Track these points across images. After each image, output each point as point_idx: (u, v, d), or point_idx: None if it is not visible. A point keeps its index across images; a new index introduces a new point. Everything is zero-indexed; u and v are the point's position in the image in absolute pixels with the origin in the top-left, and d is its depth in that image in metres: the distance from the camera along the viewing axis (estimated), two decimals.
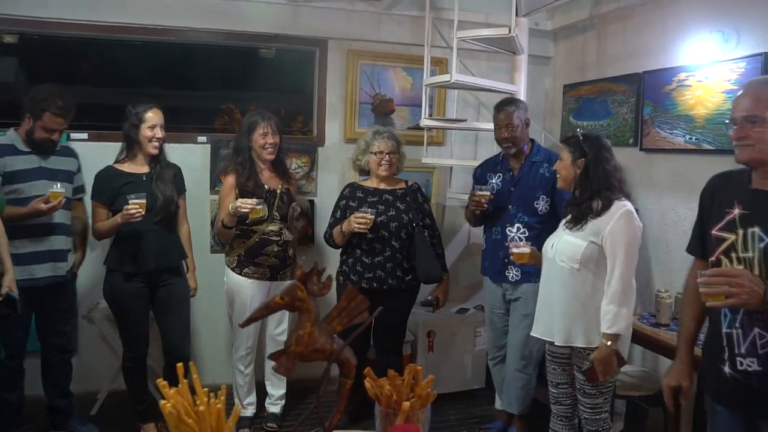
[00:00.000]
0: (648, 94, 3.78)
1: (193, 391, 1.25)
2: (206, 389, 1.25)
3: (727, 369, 1.98)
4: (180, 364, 1.26)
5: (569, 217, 2.82)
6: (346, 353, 1.37)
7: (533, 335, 2.99)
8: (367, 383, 1.34)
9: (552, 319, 2.85)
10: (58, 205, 3.15)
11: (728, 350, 1.97)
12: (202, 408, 1.17)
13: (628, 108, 3.96)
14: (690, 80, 3.48)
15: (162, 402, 1.19)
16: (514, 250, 3.00)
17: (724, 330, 1.98)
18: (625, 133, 3.97)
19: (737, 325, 1.94)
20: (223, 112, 4.65)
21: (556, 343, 2.85)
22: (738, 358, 1.94)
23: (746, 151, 1.90)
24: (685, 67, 3.51)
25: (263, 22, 4.19)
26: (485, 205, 3.45)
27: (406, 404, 1.30)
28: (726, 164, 3.10)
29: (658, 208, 3.74)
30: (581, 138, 2.81)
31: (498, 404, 3.84)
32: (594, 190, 2.73)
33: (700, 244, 2.15)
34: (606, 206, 2.70)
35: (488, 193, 3.44)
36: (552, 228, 3.11)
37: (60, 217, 3.34)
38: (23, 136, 3.30)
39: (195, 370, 1.27)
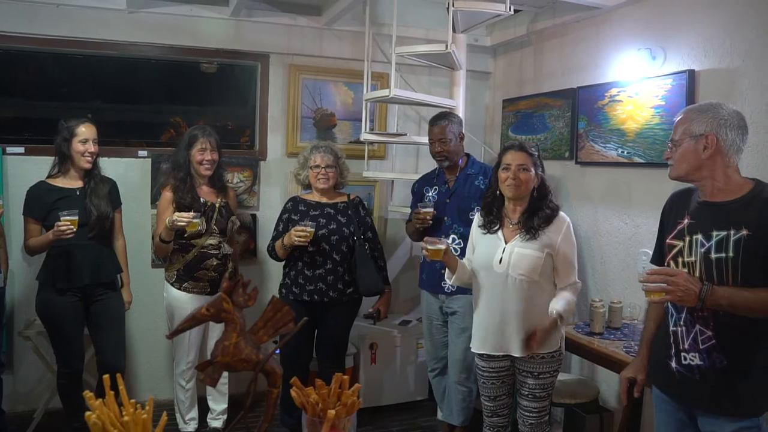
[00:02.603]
0: (582, 109, 3.90)
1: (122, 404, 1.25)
2: (134, 401, 1.26)
3: (673, 364, 2.16)
4: (106, 376, 1.26)
5: (524, 230, 2.79)
6: (271, 363, 1.39)
7: (488, 353, 2.93)
8: (293, 392, 1.36)
9: (509, 334, 2.83)
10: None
11: (674, 347, 2.16)
12: (126, 418, 1.18)
13: (563, 122, 4.08)
14: (621, 95, 3.60)
15: (87, 413, 1.20)
16: (429, 247, 2.84)
17: (671, 328, 2.18)
18: (561, 147, 4.08)
19: (681, 323, 2.14)
20: (170, 125, 4.62)
21: (516, 356, 2.84)
22: (683, 354, 2.13)
23: (671, 170, 2.16)
24: (616, 83, 3.63)
25: (205, 36, 4.19)
26: (430, 221, 3.50)
27: (331, 412, 1.33)
28: (655, 177, 3.26)
29: (592, 220, 3.85)
30: (531, 148, 2.84)
31: (440, 415, 3.87)
32: (544, 200, 2.83)
33: (659, 255, 2.33)
34: (554, 213, 2.81)
35: (432, 210, 3.50)
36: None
37: None
38: None
39: (122, 382, 1.27)
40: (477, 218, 3.03)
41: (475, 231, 3.01)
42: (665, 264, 2.19)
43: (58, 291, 3.30)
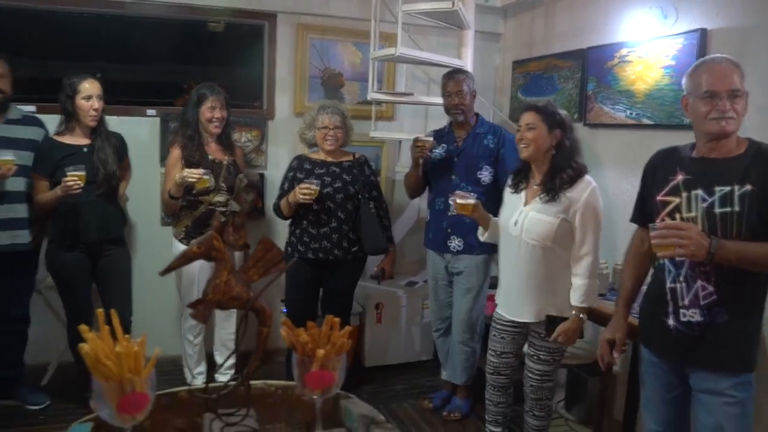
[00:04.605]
0: (591, 70, 3.87)
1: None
2: (128, 336, 1.29)
3: (670, 321, 2.16)
4: (100, 310, 1.29)
5: (544, 192, 2.75)
6: (261, 302, 1.42)
7: (501, 314, 2.97)
8: (284, 332, 1.39)
9: (521, 298, 2.85)
10: (7, 172, 3.14)
11: (672, 303, 2.16)
12: (119, 349, 1.21)
13: (573, 84, 4.05)
14: (631, 56, 3.57)
15: (81, 344, 1.23)
16: (459, 201, 2.93)
17: (668, 285, 2.17)
18: (570, 109, 4.04)
19: (681, 279, 2.13)
20: (184, 91, 4.62)
21: (525, 321, 2.86)
22: (681, 310, 2.14)
23: (732, 123, 2.04)
24: (626, 43, 3.59)
25: None
26: (429, 152, 3.52)
27: (321, 351, 1.35)
28: (664, 138, 3.23)
29: (601, 182, 3.78)
30: (551, 107, 2.79)
31: (443, 375, 3.92)
32: (568, 161, 2.74)
33: (642, 213, 2.35)
34: (577, 176, 2.71)
35: (431, 139, 3.53)
36: (495, 198, 3.18)
37: (15, 185, 3.31)
38: None
39: (116, 317, 1.30)
40: (510, 177, 3.01)
41: (506, 190, 3.00)
42: (658, 221, 2.17)
43: (66, 247, 3.37)
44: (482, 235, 3.10)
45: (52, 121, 3.58)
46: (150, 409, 1.28)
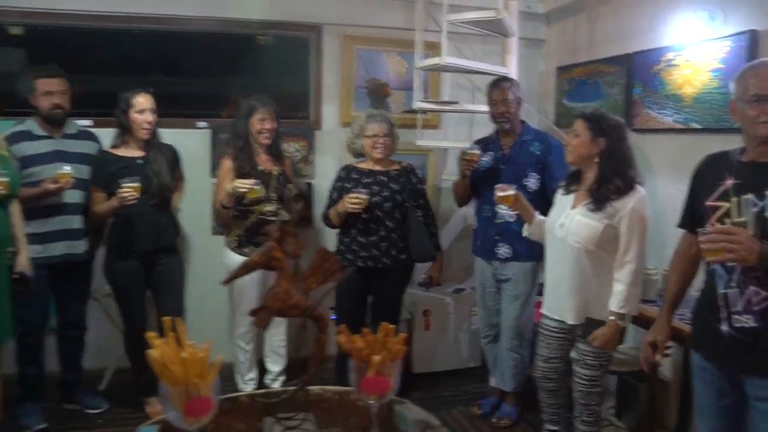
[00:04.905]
0: (637, 75, 3.85)
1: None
2: (194, 342, 1.36)
3: (724, 327, 2.12)
4: (166, 318, 1.36)
5: (590, 199, 2.78)
6: (320, 310, 1.47)
7: (544, 313, 3.02)
8: (341, 338, 1.44)
9: (564, 299, 2.88)
10: (65, 185, 3.27)
11: (725, 309, 2.12)
12: (185, 355, 1.28)
13: (618, 89, 4.03)
14: (678, 60, 3.54)
15: (149, 350, 1.30)
16: (499, 193, 3.04)
17: (720, 291, 2.13)
18: (615, 114, 4.01)
19: (733, 284, 2.10)
20: (231, 102, 4.75)
21: (568, 322, 2.89)
22: (734, 316, 2.10)
23: None
24: (672, 47, 3.57)
25: (260, 9, 4.28)
26: (476, 165, 3.54)
27: (376, 357, 1.40)
28: (712, 142, 3.19)
29: (649, 188, 3.72)
30: (601, 116, 2.82)
31: (492, 381, 3.92)
32: (616, 171, 2.75)
33: (690, 218, 2.32)
34: (627, 188, 2.72)
35: (478, 152, 3.54)
36: (541, 206, 3.19)
37: (72, 197, 3.45)
38: (38, 119, 3.46)
39: (181, 324, 1.37)
40: (564, 179, 3.05)
41: (558, 191, 3.05)
42: (707, 226, 2.13)
43: (121, 257, 3.50)
44: (526, 230, 3.16)
45: (107, 135, 3.70)
46: (214, 412, 1.34)
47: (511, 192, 3.03)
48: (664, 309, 2.45)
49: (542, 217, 3.09)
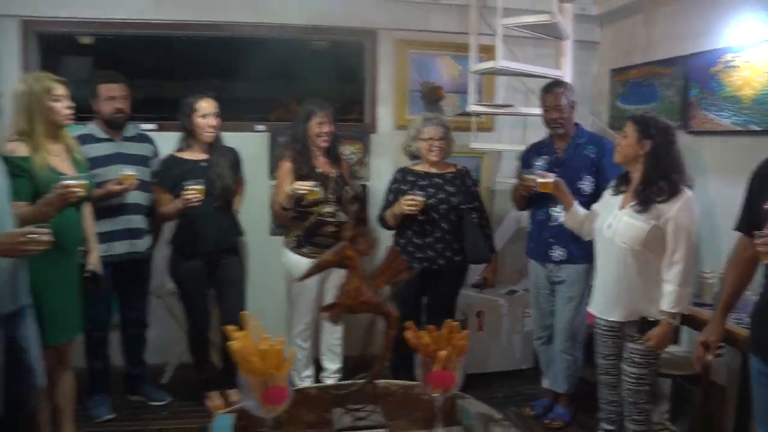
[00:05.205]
0: (694, 77, 3.81)
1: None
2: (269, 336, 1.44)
3: None
4: (246, 312, 1.45)
5: (636, 200, 2.84)
6: (389, 306, 1.54)
7: (591, 311, 3.10)
8: (408, 334, 1.51)
9: (611, 298, 2.95)
10: (130, 186, 3.43)
11: None
12: (263, 347, 1.36)
13: (674, 91, 4.00)
14: (736, 61, 3.50)
15: (229, 343, 1.39)
16: (539, 180, 3.23)
17: None
18: (671, 116, 3.96)
19: None
20: (280, 104, 4.88)
21: (615, 320, 2.96)
22: None
23: None
24: (731, 48, 3.53)
25: (316, 15, 4.39)
26: (534, 188, 3.56)
27: (442, 353, 1.46)
28: None
29: (705, 190, 3.76)
30: (649, 119, 2.86)
31: (545, 383, 3.94)
32: (661, 173, 2.79)
33: (747, 221, 2.31)
34: (674, 192, 2.76)
35: (535, 177, 3.56)
36: None
37: (134, 197, 3.61)
38: (100, 123, 3.62)
39: (255, 319, 1.46)
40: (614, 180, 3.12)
41: (607, 191, 3.12)
42: (766, 229, 2.13)
43: (186, 256, 3.63)
44: (563, 217, 3.32)
45: (168, 138, 3.85)
46: (289, 402, 1.43)
47: (550, 179, 3.20)
48: (718, 310, 2.47)
49: (582, 209, 3.23)
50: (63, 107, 2.98)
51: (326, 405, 1.65)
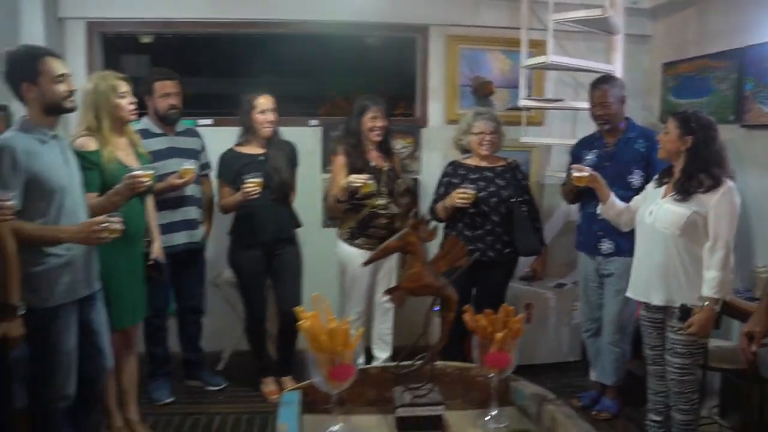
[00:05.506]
0: (749, 70, 3.78)
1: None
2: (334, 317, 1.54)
3: None
4: (315, 294, 1.55)
5: (676, 191, 2.91)
6: (449, 290, 1.62)
7: (629, 296, 3.17)
8: (466, 317, 1.59)
9: (650, 282, 3.01)
10: (190, 180, 3.58)
11: None
12: (332, 326, 1.46)
13: (728, 84, 3.96)
14: None
15: (300, 322, 1.48)
16: (575, 174, 3.34)
17: None
18: (725, 110, 3.97)
19: None
20: (326, 99, 4.99)
21: (652, 304, 3.01)
22: None
23: None
24: None
25: (369, 12, 4.48)
26: (584, 184, 3.60)
27: (499, 335, 1.54)
28: None
29: (759, 185, 3.73)
30: (691, 115, 2.92)
31: (592, 375, 3.96)
32: (702, 167, 2.85)
33: None
34: (715, 185, 2.82)
35: (586, 175, 3.59)
36: None
37: (190, 190, 3.77)
38: (154, 119, 3.77)
39: (327, 301, 1.55)
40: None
41: (651, 183, 3.20)
42: None
43: (245, 246, 3.77)
44: (599, 208, 3.41)
45: (227, 132, 4.00)
46: (354, 378, 1.52)
47: (586, 173, 3.31)
48: (764, 302, 2.51)
49: (620, 201, 3.34)
50: (127, 104, 3.15)
51: (387, 384, 1.74)
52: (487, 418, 1.73)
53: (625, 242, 3.50)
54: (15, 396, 2.60)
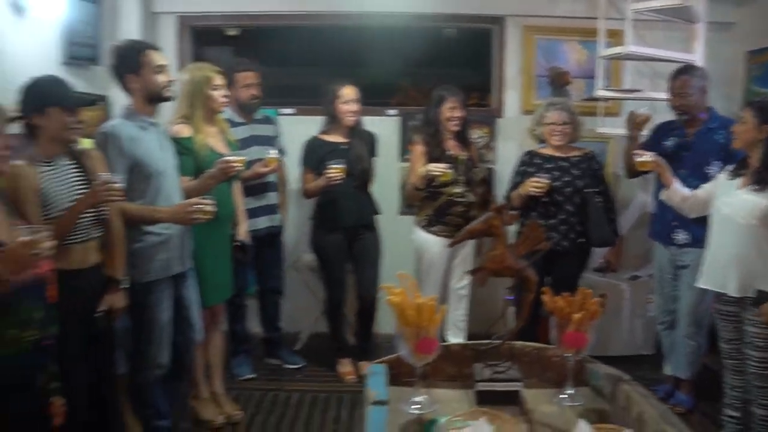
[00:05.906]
0: None
1: None
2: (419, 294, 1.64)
3: None
4: (401, 272, 1.65)
5: (754, 180, 2.87)
6: (529, 272, 1.70)
7: (702, 286, 3.14)
8: (545, 298, 1.66)
9: (725, 272, 2.97)
10: (275, 168, 3.76)
11: None
12: (419, 301, 1.56)
13: None
14: None
15: (388, 298, 1.59)
16: (638, 159, 3.38)
17: None
18: None
19: None
20: (399, 90, 5.08)
21: (729, 294, 2.96)
22: None
23: None
24: None
25: (445, 2, 4.57)
26: (645, 127, 3.73)
27: (576, 316, 1.61)
28: None
29: None
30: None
31: (666, 369, 3.92)
32: None
33: None
34: None
35: (648, 114, 3.71)
36: None
37: (270, 176, 3.94)
38: (235, 108, 3.91)
39: (409, 278, 1.66)
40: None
41: (722, 175, 3.17)
42: None
43: (327, 230, 3.92)
44: (663, 194, 3.44)
45: (307, 122, 4.17)
46: (437, 353, 1.62)
47: (648, 158, 3.34)
48: None
49: (684, 188, 3.37)
50: (220, 95, 3.32)
51: (467, 361, 1.84)
52: (562, 396, 1.80)
53: (700, 232, 3.44)
54: (117, 363, 2.81)
